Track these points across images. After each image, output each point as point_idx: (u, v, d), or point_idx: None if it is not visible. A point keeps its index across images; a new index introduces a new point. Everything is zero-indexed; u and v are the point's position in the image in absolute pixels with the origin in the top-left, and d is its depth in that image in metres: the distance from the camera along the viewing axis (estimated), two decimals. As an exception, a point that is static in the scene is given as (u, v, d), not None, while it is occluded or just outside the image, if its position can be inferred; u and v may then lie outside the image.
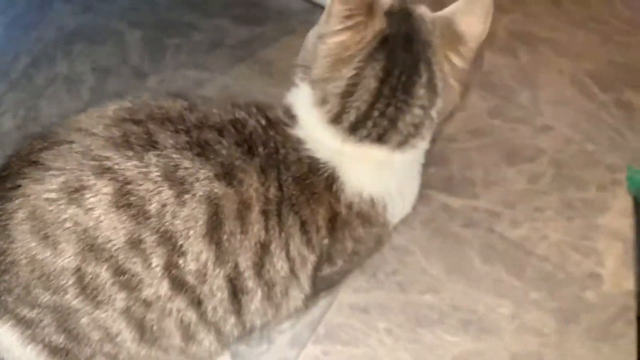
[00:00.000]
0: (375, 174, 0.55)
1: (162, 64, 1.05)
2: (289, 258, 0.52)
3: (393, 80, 0.51)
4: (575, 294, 0.92)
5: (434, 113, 0.53)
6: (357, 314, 0.79)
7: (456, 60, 0.53)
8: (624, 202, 1.15)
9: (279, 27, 1.28)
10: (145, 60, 1.04)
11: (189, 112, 0.52)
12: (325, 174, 0.53)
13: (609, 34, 1.90)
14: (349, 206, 0.54)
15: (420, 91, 0.52)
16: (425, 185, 1.03)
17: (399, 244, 0.88)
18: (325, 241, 0.54)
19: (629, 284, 0.97)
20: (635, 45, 1.89)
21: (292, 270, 0.53)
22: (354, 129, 0.52)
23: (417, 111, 0.52)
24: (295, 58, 1.27)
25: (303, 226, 0.52)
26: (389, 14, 0.52)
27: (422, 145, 0.56)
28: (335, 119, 0.52)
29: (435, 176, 1.05)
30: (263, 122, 0.54)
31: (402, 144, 0.53)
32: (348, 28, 0.51)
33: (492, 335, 0.83)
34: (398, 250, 0.87)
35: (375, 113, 0.51)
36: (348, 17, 0.51)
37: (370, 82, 0.51)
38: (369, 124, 0.52)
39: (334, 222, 0.54)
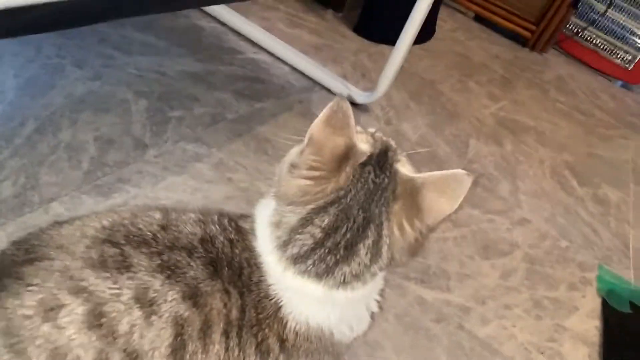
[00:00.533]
0: (316, 305, 0.57)
1: (163, 137, 1.10)
2: None
3: (338, 236, 0.53)
4: (536, 400, 0.95)
5: (375, 269, 0.55)
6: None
7: (409, 230, 0.54)
8: (592, 303, 1.20)
9: (278, 103, 1.35)
10: (147, 132, 1.09)
11: (164, 232, 0.55)
12: (273, 300, 0.55)
13: (591, 125, 2.00)
14: (296, 333, 0.56)
15: (363, 251, 0.54)
16: (403, 275, 1.08)
17: (371, 339, 0.91)
18: (281, 358, 0.56)
19: (590, 392, 1.00)
20: (616, 139, 2.00)
21: None
22: (296, 261, 0.54)
23: (357, 267, 0.54)
24: (290, 137, 1.32)
25: (258, 347, 0.55)
26: (365, 164, 0.54)
27: (364, 288, 0.56)
28: (282, 246, 0.55)
29: (414, 266, 1.10)
30: (232, 236, 0.57)
31: (340, 286, 0.55)
32: (310, 178, 0.54)
33: None
34: (370, 345, 0.90)
35: (315, 257, 0.54)
36: (314, 167, 0.54)
37: (315, 231, 0.53)
38: (309, 262, 0.54)
39: (284, 345, 0.56)
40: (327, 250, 0.54)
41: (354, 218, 0.54)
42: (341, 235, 0.53)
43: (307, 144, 0.54)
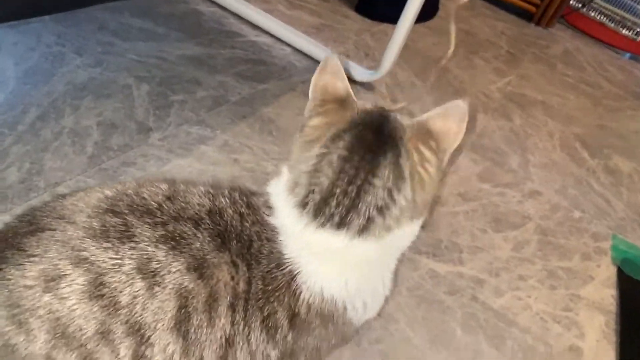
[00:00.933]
0: (335, 268, 0.55)
1: (166, 120, 1.09)
2: (250, 352, 0.53)
3: (356, 157, 0.52)
4: (554, 368, 0.94)
5: (400, 198, 0.52)
6: (338, 382, 0.80)
7: (427, 152, 0.54)
8: (607, 272, 1.18)
9: (280, 84, 1.33)
10: (150, 116, 1.08)
11: (169, 202, 0.54)
12: (287, 269, 0.54)
13: (600, 97, 1.96)
14: (308, 306, 0.54)
15: (384, 171, 0.52)
16: (414, 249, 1.07)
17: (385, 311, 0.90)
18: (289, 338, 0.55)
19: (610, 359, 0.99)
20: (625, 110, 1.96)
21: None
22: (317, 212, 0.53)
23: (381, 192, 0.52)
24: (294, 117, 1.31)
25: (264, 322, 0.53)
26: (364, 111, 0.57)
27: (387, 238, 0.54)
28: (302, 202, 0.53)
29: (425, 241, 1.08)
30: (242, 209, 0.56)
31: (363, 230, 0.52)
32: (319, 113, 0.56)
33: (470, 408, 0.85)
34: (384, 318, 0.90)
35: (338, 190, 0.52)
36: (321, 105, 0.57)
37: (333, 158, 0.52)
38: (332, 202, 0.52)
39: (294, 321, 0.54)
40: (348, 180, 0.52)
41: (368, 142, 0.53)
42: (359, 156, 0.52)
43: (311, 94, 0.57)
